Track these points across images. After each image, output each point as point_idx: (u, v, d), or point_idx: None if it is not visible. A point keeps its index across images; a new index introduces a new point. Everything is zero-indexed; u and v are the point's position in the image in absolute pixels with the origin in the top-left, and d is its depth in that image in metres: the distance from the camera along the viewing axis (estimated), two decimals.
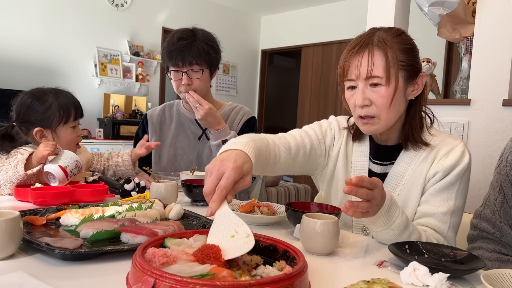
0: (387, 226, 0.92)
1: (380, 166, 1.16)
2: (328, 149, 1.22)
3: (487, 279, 0.69)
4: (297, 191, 4.24)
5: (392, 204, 0.91)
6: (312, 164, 1.21)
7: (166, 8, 5.59)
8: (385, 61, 1.01)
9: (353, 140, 1.20)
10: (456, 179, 1.06)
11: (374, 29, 1.08)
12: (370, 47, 1.02)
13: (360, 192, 0.82)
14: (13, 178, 1.24)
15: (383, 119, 1.05)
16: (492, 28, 1.96)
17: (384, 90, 1.02)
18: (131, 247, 0.77)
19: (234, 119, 1.79)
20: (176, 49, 1.58)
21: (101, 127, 4.79)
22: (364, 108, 1.04)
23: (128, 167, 1.58)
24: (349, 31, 5.64)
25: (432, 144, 1.10)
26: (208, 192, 0.78)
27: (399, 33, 1.07)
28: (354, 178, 0.81)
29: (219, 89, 6.34)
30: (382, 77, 1.01)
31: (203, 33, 1.66)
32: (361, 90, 1.04)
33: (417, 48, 1.08)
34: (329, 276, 0.77)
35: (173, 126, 1.80)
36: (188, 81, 1.61)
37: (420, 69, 1.08)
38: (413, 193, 1.09)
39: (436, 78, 2.24)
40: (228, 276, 0.58)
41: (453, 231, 1.07)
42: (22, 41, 4.37)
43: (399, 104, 1.05)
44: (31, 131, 1.39)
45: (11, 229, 0.73)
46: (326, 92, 6.02)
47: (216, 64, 1.69)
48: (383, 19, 2.31)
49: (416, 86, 1.08)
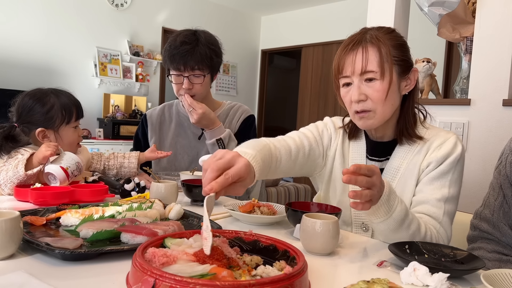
0: (388, 215, 0.91)
1: (376, 162, 1.18)
2: (325, 149, 1.23)
3: (487, 279, 0.69)
4: (297, 191, 4.24)
5: (391, 192, 0.91)
6: (311, 165, 1.22)
7: (166, 8, 5.59)
8: (379, 56, 1.04)
9: (349, 138, 1.22)
10: (449, 168, 1.08)
11: (365, 29, 1.12)
12: (364, 43, 1.06)
13: (359, 180, 0.82)
14: (13, 178, 1.24)
15: (379, 113, 1.07)
16: (492, 28, 1.97)
17: (379, 84, 1.04)
18: (131, 247, 0.77)
19: (232, 118, 1.79)
20: (178, 53, 1.58)
21: (101, 127, 4.80)
22: (360, 103, 1.07)
23: (132, 170, 1.58)
24: (349, 31, 5.53)
25: (426, 137, 1.13)
26: (215, 169, 0.77)
27: (390, 31, 1.11)
28: (351, 167, 0.81)
29: (219, 89, 6.34)
30: (376, 72, 1.04)
31: (206, 36, 1.65)
32: (356, 85, 1.06)
33: (407, 45, 1.12)
34: (329, 276, 0.77)
35: (173, 126, 1.80)
36: (189, 86, 1.62)
37: (412, 64, 1.12)
38: (409, 185, 1.11)
39: (436, 78, 2.24)
40: (228, 276, 0.58)
41: (449, 218, 1.07)
42: (22, 41, 4.37)
43: (394, 98, 1.08)
44: (33, 132, 1.39)
45: (11, 229, 0.73)
46: (326, 92, 6.02)
47: (217, 68, 1.69)
48: (383, 19, 2.31)
49: (409, 81, 1.11)
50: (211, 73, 1.66)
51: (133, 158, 1.59)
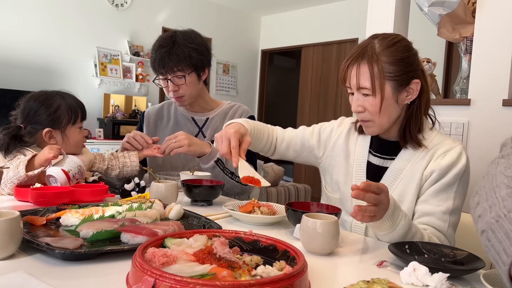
0: (392, 229, 0.96)
1: (379, 159, 1.21)
2: (324, 141, 1.32)
3: (487, 279, 0.69)
4: (297, 191, 4.24)
5: (396, 208, 0.95)
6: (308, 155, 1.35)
7: (166, 8, 5.59)
8: (370, 74, 1.08)
9: (359, 132, 1.28)
10: (454, 180, 1.10)
11: (372, 38, 1.13)
12: (360, 60, 1.10)
13: (367, 196, 0.87)
14: (13, 178, 1.24)
15: (377, 123, 1.13)
16: (492, 28, 1.96)
17: (372, 99, 1.10)
18: (131, 247, 0.77)
19: (232, 117, 1.77)
20: (157, 58, 1.58)
21: (101, 127, 4.79)
22: (359, 114, 1.15)
23: (134, 168, 1.57)
24: (349, 31, 5.65)
25: (432, 143, 1.15)
26: (225, 152, 1.11)
27: (392, 43, 1.10)
28: (361, 184, 0.87)
29: (219, 89, 6.34)
30: (369, 88, 1.09)
31: (184, 36, 1.61)
32: (355, 98, 1.13)
33: (412, 56, 1.12)
34: (329, 276, 0.77)
35: (170, 125, 1.80)
36: (174, 88, 1.61)
37: (413, 76, 1.11)
38: (410, 189, 1.13)
39: (436, 78, 2.24)
40: (228, 276, 0.58)
41: (453, 229, 1.11)
42: (22, 41, 4.37)
43: (390, 110, 1.12)
44: (39, 133, 1.40)
45: (11, 229, 0.73)
46: (326, 92, 6.02)
47: (202, 66, 1.65)
48: (383, 19, 2.31)
49: (411, 91, 1.12)
50: (195, 71, 1.63)
51: (133, 157, 1.59)
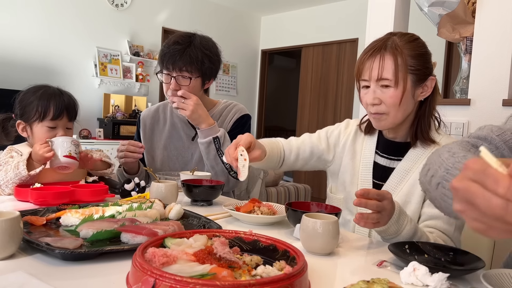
0: (397, 234, 0.97)
1: (386, 159, 1.22)
2: (333, 145, 1.32)
3: (487, 279, 0.69)
4: (297, 191, 4.24)
5: (401, 214, 0.96)
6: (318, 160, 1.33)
7: (166, 8, 5.59)
8: (394, 65, 1.09)
9: (365, 133, 1.29)
10: None
11: (390, 34, 1.16)
12: (383, 51, 1.11)
13: (370, 204, 0.89)
14: (15, 178, 1.24)
15: (392, 116, 1.13)
16: (492, 28, 1.96)
17: (392, 91, 1.10)
18: (131, 247, 0.77)
19: (226, 116, 1.74)
20: (169, 52, 1.55)
21: (101, 127, 4.79)
22: (374, 106, 1.14)
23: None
24: (349, 31, 5.65)
25: (439, 143, 1.16)
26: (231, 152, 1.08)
27: (412, 39, 1.14)
28: (359, 190, 0.89)
29: (219, 89, 6.34)
30: (391, 80, 1.10)
31: (202, 40, 1.60)
32: (372, 90, 1.13)
33: (428, 54, 1.16)
34: (329, 276, 0.77)
35: (166, 128, 1.77)
36: (175, 87, 1.57)
37: (430, 73, 1.15)
38: (416, 190, 1.13)
39: (436, 78, 2.24)
40: (228, 276, 0.58)
41: (459, 232, 1.11)
42: (22, 41, 4.37)
43: (407, 104, 1.13)
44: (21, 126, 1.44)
45: (11, 229, 0.74)
46: (326, 92, 6.01)
47: (210, 75, 1.63)
48: (383, 19, 2.31)
49: (426, 88, 1.15)
50: (201, 77, 1.60)
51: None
